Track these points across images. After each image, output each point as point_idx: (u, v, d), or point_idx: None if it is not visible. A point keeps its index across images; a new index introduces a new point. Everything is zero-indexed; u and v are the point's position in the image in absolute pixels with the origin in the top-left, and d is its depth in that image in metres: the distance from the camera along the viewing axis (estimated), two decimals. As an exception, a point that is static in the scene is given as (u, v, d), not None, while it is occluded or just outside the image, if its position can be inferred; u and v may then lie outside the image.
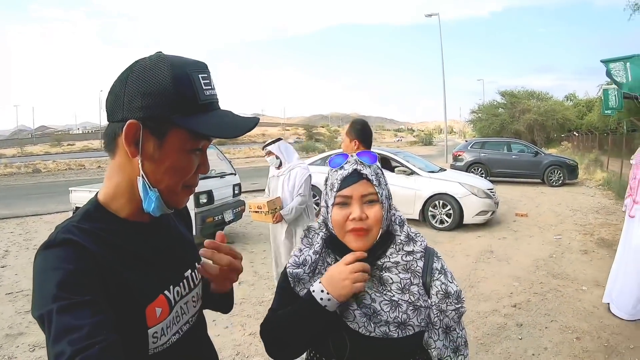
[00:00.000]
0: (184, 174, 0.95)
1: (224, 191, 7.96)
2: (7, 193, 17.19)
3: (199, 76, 0.92)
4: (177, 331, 1.02)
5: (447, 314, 1.26)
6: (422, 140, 78.91)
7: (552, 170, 15.01)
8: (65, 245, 0.84)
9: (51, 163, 33.00)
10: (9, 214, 11.36)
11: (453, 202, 8.65)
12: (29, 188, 18.96)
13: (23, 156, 49.15)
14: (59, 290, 0.77)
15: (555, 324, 4.27)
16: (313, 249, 1.31)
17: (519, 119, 33.91)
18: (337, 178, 1.26)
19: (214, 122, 0.93)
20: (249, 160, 36.98)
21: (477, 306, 4.77)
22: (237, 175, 8.54)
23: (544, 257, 6.59)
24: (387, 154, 9.94)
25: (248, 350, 3.89)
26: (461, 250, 7.14)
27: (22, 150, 57.41)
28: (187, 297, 1.08)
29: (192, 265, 1.13)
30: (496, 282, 5.55)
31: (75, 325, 0.74)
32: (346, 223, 1.23)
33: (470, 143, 17.87)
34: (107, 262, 0.86)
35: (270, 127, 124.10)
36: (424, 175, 9.20)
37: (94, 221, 0.92)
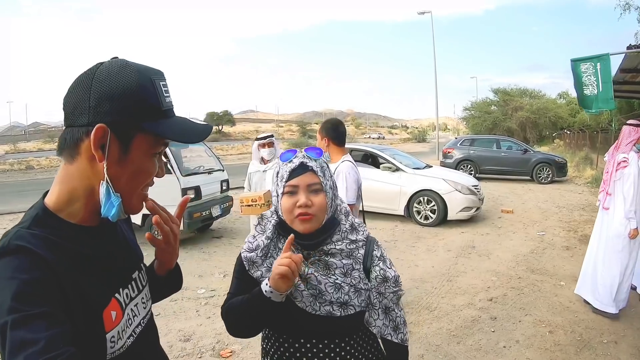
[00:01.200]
0: (146, 177, 0.98)
1: (211, 187, 7.99)
2: (0, 190, 17.09)
3: (160, 83, 0.95)
4: (130, 334, 1.01)
5: (386, 296, 1.45)
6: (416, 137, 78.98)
7: (541, 167, 15.02)
8: (18, 253, 0.80)
9: (44, 160, 32.70)
10: (2, 210, 11.27)
11: (437, 198, 8.65)
12: (22, 185, 18.81)
13: (16, 153, 48.78)
14: (13, 302, 0.74)
15: (530, 317, 4.25)
16: (265, 235, 1.45)
17: (511, 116, 34.04)
18: (286, 170, 1.41)
19: (177, 127, 0.97)
20: (241, 157, 36.94)
21: (453, 299, 4.76)
22: (225, 172, 8.55)
23: (525, 252, 6.58)
24: (373, 151, 9.99)
25: (228, 339, 3.98)
26: (443, 246, 7.13)
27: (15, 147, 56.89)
28: (137, 298, 1.07)
29: (138, 267, 1.12)
30: (474, 276, 5.54)
31: (31, 339, 0.71)
32: (294, 209, 1.38)
33: (460, 140, 17.85)
34: (62, 268, 0.83)
35: (263, 124, 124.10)
36: (409, 172, 9.20)
37: (44, 227, 0.89)
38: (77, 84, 0.90)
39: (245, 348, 3.80)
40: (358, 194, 3.27)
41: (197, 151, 9.62)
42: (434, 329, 4.06)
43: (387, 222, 9.00)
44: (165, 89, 0.96)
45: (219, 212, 7.93)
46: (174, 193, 7.22)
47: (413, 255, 6.60)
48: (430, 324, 4.16)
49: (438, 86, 28.49)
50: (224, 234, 8.35)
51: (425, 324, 4.17)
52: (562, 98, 41.12)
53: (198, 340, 4.03)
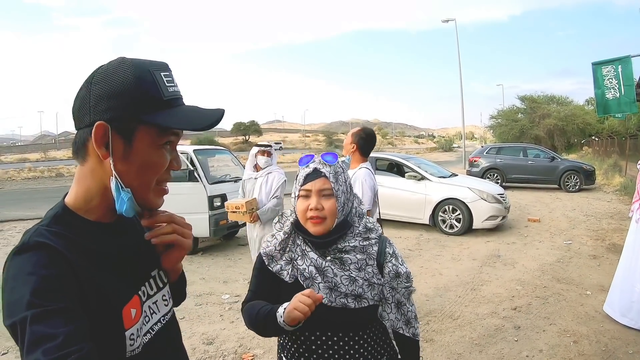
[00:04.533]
0: (156, 170, 0.96)
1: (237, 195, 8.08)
2: (31, 196, 17.72)
3: (161, 74, 0.94)
4: (147, 331, 1.01)
5: (398, 291, 1.55)
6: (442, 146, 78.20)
7: (569, 175, 14.79)
8: (38, 249, 0.82)
9: (73, 167, 33.48)
10: (33, 215, 11.69)
11: (462, 207, 8.62)
12: (52, 191, 19.24)
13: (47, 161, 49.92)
14: (32, 297, 0.75)
15: (554, 327, 4.23)
16: (283, 230, 1.57)
17: (538, 124, 33.48)
18: (302, 174, 1.53)
19: (180, 116, 0.95)
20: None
21: (477, 308, 4.76)
22: None
23: (551, 261, 6.52)
24: (398, 160, 10.00)
25: (250, 343, 4.10)
26: (468, 255, 7.11)
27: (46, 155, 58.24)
28: (156, 296, 1.08)
29: (158, 265, 1.11)
30: (499, 285, 5.52)
31: (50, 334, 0.72)
32: (306, 212, 1.49)
33: (486, 149, 17.69)
34: (81, 265, 0.85)
35: (290, 134, 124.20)
36: (434, 181, 9.18)
37: (64, 224, 0.91)
38: (81, 87, 0.94)
39: (267, 352, 3.90)
40: (374, 200, 3.36)
41: (224, 160, 9.81)
42: (456, 338, 4.07)
43: (412, 231, 9.00)
44: (168, 79, 0.95)
45: (245, 220, 8.03)
46: (200, 201, 7.42)
47: (437, 264, 6.60)
48: (453, 333, 4.18)
49: (464, 94, 28.21)
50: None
51: (448, 332, 4.19)
52: (590, 104, 40.22)
53: (221, 343, 4.14)
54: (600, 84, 5.48)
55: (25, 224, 10.62)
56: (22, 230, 9.71)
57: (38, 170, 31.78)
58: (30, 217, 11.59)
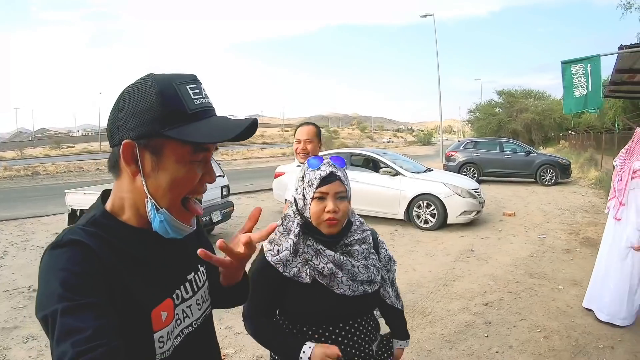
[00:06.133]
0: (187, 185, 0.95)
1: (211, 192, 8.05)
2: (6, 195, 17.09)
3: (187, 87, 0.92)
4: (178, 334, 1.01)
5: (391, 272, 1.85)
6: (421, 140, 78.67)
7: (545, 169, 14.89)
8: (72, 245, 0.84)
9: (50, 165, 32.79)
10: (8, 216, 11.30)
11: (437, 202, 8.56)
12: (28, 190, 18.82)
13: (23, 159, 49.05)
14: (64, 291, 0.77)
15: (525, 322, 4.18)
16: (293, 233, 1.56)
17: (516, 118, 33.84)
18: (316, 177, 1.54)
19: (204, 129, 0.91)
20: (247, 162, 37.00)
21: (448, 304, 4.70)
22: (225, 177, 8.59)
23: (524, 256, 6.50)
24: (373, 155, 9.93)
25: (222, 343, 3.93)
26: (442, 250, 7.06)
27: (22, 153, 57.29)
28: (191, 300, 1.08)
29: (195, 268, 1.12)
30: (471, 281, 5.47)
31: (79, 327, 0.74)
32: (322, 214, 1.53)
33: (463, 143, 17.69)
34: (113, 264, 0.87)
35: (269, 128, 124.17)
36: (409, 176, 9.13)
37: (100, 226, 0.92)
38: (111, 109, 0.95)
39: (239, 351, 3.81)
40: None
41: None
42: (426, 334, 4.00)
43: (387, 227, 8.91)
44: (194, 91, 0.93)
45: (219, 217, 7.98)
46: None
47: (411, 260, 6.54)
48: (424, 329, 4.10)
49: (443, 88, 28.29)
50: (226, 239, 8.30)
51: (419, 328, 4.11)
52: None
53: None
54: (569, 82, 5.49)
55: (2, 225, 10.25)
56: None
57: (14, 169, 31.01)
58: (7, 217, 11.16)
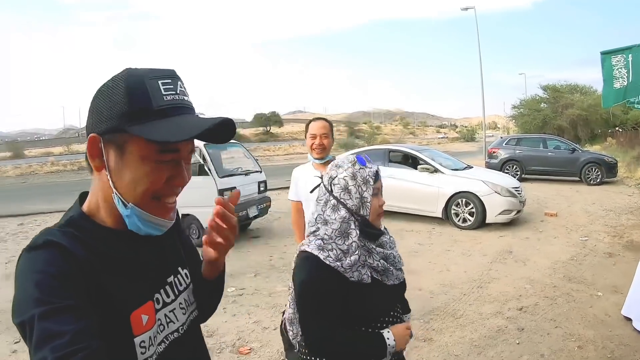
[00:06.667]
0: (150, 184, 0.91)
1: (248, 188, 8.23)
2: (52, 189, 18.07)
3: (159, 82, 0.90)
4: (162, 340, 0.99)
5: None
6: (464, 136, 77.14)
7: (590, 168, 14.33)
8: (47, 247, 0.83)
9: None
10: (52, 209, 11.90)
11: (476, 200, 8.43)
12: (73, 185, 19.51)
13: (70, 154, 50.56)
14: (40, 294, 0.76)
15: (559, 330, 4.07)
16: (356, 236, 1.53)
17: (561, 114, 32.64)
18: (369, 174, 1.57)
19: (166, 127, 0.88)
20: (288, 157, 37.17)
21: (481, 307, 4.64)
22: (262, 173, 8.74)
23: (564, 259, 6.31)
24: (411, 152, 9.87)
25: (249, 337, 4.17)
26: (479, 250, 6.96)
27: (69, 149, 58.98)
28: (173, 304, 1.05)
29: (175, 271, 1.10)
30: (507, 283, 5.37)
31: (58, 331, 0.73)
32: (379, 209, 1.60)
33: (505, 140, 17.21)
34: (90, 265, 0.85)
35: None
36: (448, 173, 9.03)
37: (77, 227, 0.91)
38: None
39: (264, 346, 3.93)
40: None
41: (235, 152, 9.83)
42: (456, 338, 3.97)
43: (424, 224, 8.88)
44: (166, 87, 0.90)
45: (256, 212, 8.14)
46: (210, 194, 7.41)
47: (447, 259, 6.49)
48: (453, 332, 4.07)
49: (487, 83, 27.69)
50: (262, 234, 8.54)
51: (448, 331, 4.09)
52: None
53: (220, 336, 4.19)
54: (609, 74, 5.21)
55: (46, 217, 10.78)
56: (42, 224, 9.96)
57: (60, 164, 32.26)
58: (51, 210, 11.78)
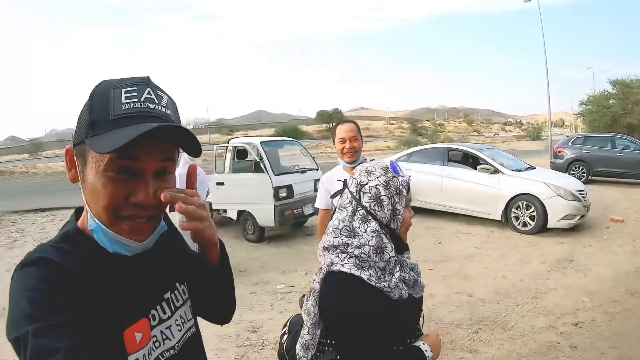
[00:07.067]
0: (104, 199, 0.87)
1: (304, 185, 8.34)
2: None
3: (122, 91, 0.87)
4: (156, 358, 0.97)
5: None
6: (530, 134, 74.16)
7: (662, 169, 13.36)
8: (40, 264, 0.83)
9: None
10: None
11: (537, 203, 8.10)
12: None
13: None
14: (33, 311, 0.76)
15: (615, 351, 3.86)
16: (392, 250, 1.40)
17: (631, 111, 30.60)
18: (402, 184, 1.43)
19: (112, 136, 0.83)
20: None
21: (534, 320, 4.49)
22: (319, 171, 8.80)
23: (628, 270, 5.98)
24: (471, 151, 9.66)
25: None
26: (538, 257, 6.72)
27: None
28: (169, 321, 1.03)
29: (172, 286, 1.08)
30: (564, 295, 5.17)
31: (51, 348, 0.73)
32: (409, 220, 1.46)
33: (572, 138, 16.27)
34: (83, 282, 0.85)
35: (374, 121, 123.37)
36: (508, 174, 8.74)
37: (71, 242, 0.91)
38: None
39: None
40: None
41: (294, 151, 9.97)
42: (503, 352, 3.87)
43: (483, 227, 8.69)
44: (129, 94, 0.87)
45: (312, 210, 8.22)
46: (266, 191, 7.60)
47: (503, 266, 6.33)
48: (501, 345, 3.98)
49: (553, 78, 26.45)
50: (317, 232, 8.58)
51: (496, 344, 4.00)
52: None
53: (264, 332, 4.31)
54: None
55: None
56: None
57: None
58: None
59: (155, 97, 0.90)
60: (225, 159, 9.01)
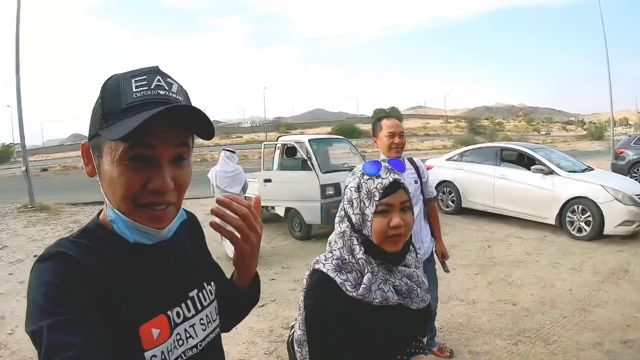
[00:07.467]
0: (122, 189, 0.88)
1: None
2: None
3: (132, 80, 0.88)
4: (179, 355, 0.97)
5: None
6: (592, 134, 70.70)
7: None
8: (56, 259, 0.84)
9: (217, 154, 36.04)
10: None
11: (593, 207, 7.66)
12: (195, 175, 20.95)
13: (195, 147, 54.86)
14: (49, 306, 0.77)
15: (666, 373, 3.63)
16: (358, 255, 1.33)
17: None
18: (376, 187, 1.31)
19: (124, 124, 0.83)
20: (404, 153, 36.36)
21: (579, 335, 4.26)
22: None
23: (690, 285, 5.59)
24: (526, 150, 9.29)
25: None
26: (591, 266, 6.38)
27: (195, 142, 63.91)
28: (194, 319, 1.03)
29: (199, 285, 1.08)
30: (616, 309, 4.87)
31: (66, 343, 0.73)
32: (387, 230, 1.31)
33: (634, 139, 15.30)
34: (100, 276, 0.85)
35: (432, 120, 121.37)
36: (564, 175, 8.34)
37: (90, 237, 0.93)
38: None
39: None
40: None
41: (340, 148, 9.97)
42: (543, 368, 3.72)
43: (535, 232, 8.36)
44: (139, 83, 0.88)
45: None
46: (313, 189, 7.66)
47: (553, 274, 6.06)
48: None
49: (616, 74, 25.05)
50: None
51: (535, 359, 3.85)
52: None
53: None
54: None
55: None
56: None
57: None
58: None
59: (165, 84, 0.91)
60: (274, 156, 9.15)
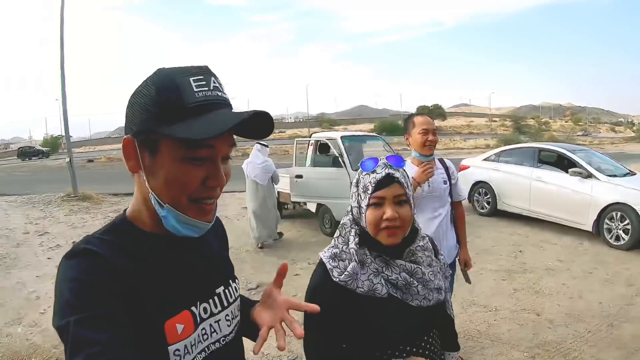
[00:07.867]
0: (182, 186, 0.91)
1: None
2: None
3: (190, 79, 0.89)
4: (203, 349, 0.99)
5: (447, 279, 1.59)
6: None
7: None
8: (83, 255, 0.85)
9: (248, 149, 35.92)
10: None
11: (632, 214, 7.26)
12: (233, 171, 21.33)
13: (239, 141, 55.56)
14: (75, 302, 0.79)
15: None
16: (352, 242, 1.43)
17: None
18: (370, 181, 1.40)
19: (199, 124, 0.86)
20: (446, 152, 35.97)
21: (604, 352, 4.04)
22: None
23: None
24: (564, 152, 8.91)
25: None
26: (625, 277, 6.07)
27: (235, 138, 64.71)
28: (219, 315, 1.05)
29: (225, 282, 1.11)
30: (647, 326, 4.63)
31: (92, 339, 0.75)
32: (380, 222, 1.38)
33: None
34: (127, 272, 0.86)
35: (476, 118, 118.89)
36: (603, 180, 7.94)
37: (117, 233, 0.94)
38: None
39: None
40: None
41: (374, 146, 9.93)
42: (558, 387, 3.57)
43: (571, 238, 8.04)
44: (198, 83, 0.89)
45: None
46: (343, 186, 7.67)
47: (583, 284, 5.79)
48: (557, 379, 3.66)
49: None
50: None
51: (552, 375, 3.70)
52: None
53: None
54: None
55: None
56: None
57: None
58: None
59: (219, 85, 0.94)
60: (307, 153, 9.20)
